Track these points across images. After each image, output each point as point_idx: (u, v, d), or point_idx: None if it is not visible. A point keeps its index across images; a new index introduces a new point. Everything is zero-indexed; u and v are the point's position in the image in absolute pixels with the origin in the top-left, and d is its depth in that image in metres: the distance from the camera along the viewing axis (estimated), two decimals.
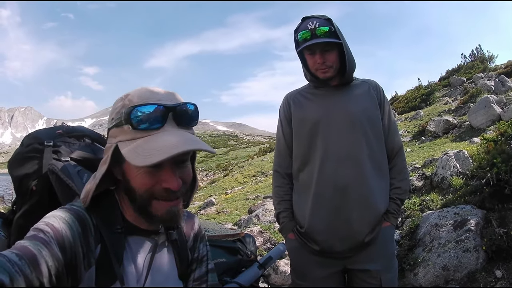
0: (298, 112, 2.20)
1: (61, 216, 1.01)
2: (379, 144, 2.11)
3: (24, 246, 0.87)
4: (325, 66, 2.04)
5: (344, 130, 2.05)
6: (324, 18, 2.02)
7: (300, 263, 2.18)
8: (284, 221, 2.20)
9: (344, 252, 2.03)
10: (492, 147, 4.83)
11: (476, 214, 4.25)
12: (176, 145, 0.98)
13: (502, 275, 3.53)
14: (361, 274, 2.07)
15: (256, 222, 7.78)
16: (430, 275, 4.00)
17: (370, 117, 2.10)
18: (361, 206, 2.00)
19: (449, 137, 10.67)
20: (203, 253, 1.39)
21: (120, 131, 1.03)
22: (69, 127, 1.53)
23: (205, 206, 12.89)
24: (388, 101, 2.25)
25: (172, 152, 0.95)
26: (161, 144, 0.98)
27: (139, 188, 1.05)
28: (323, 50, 2.02)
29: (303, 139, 2.13)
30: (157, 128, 1.02)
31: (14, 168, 1.37)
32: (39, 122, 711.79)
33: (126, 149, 1.00)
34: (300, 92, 2.27)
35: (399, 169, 2.19)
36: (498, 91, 13.49)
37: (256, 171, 23.27)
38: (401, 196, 2.14)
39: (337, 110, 2.09)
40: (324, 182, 2.03)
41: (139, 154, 0.97)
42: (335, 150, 2.02)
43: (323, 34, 1.97)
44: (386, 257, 2.09)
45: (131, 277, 1.10)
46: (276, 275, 5.08)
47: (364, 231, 2.00)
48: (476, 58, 22.27)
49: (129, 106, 1.02)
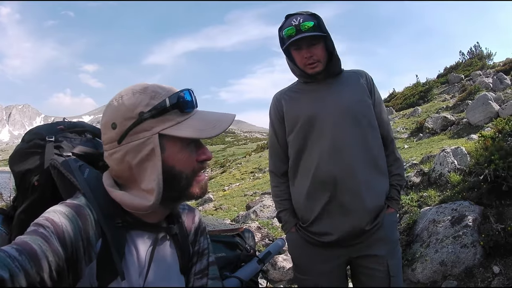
0: (290, 109, 2.19)
1: (62, 211, 1.00)
2: (374, 133, 2.11)
3: (24, 241, 0.87)
4: (312, 60, 2.04)
5: (339, 123, 2.05)
6: (308, 14, 2.03)
7: (303, 257, 2.18)
8: (286, 219, 2.21)
9: (347, 240, 2.02)
10: (490, 144, 4.85)
11: (473, 210, 4.27)
12: (220, 119, 1.15)
13: (499, 270, 3.55)
14: (367, 261, 2.07)
15: (254, 218, 7.80)
16: (427, 271, 4.02)
17: (363, 107, 2.10)
18: (357, 197, 2.00)
19: (447, 134, 10.70)
20: (204, 246, 1.39)
21: (161, 120, 1.07)
22: (70, 123, 1.52)
23: (203, 203, 12.87)
24: (377, 90, 2.26)
25: (227, 123, 1.13)
26: (212, 119, 1.14)
27: (186, 169, 1.13)
28: (310, 44, 2.02)
29: (298, 135, 2.12)
30: (193, 109, 1.15)
31: (15, 163, 1.37)
32: (37, 120, 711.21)
33: (185, 132, 1.08)
34: (290, 90, 2.27)
35: (395, 156, 2.22)
36: (496, 88, 13.53)
37: (254, 168, 23.27)
38: (400, 182, 2.17)
39: (330, 103, 2.09)
40: (321, 175, 2.02)
41: (204, 130, 1.09)
42: (331, 143, 2.02)
43: (308, 29, 1.97)
44: (391, 243, 2.09)
45: (133, 271, 1.09)
46: (275, 271, 5.09)
47: (365, 220, 2.00)
48: (474, 55, 22.31)
49: (162, 96, 1.08)
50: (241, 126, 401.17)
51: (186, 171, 1.12)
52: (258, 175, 19.75)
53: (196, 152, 1.15)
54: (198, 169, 1.16)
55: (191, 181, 1.14)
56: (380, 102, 2.23)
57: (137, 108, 1.05)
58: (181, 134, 1.07)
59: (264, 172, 19.91)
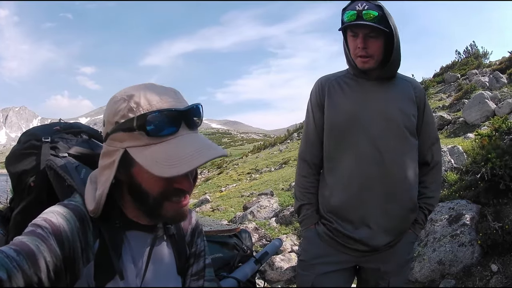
0: (333, 101, 2.05)
1: (59, 211, 1.00)
2: (411, 148, 1.98)
3: (22, 242, 0.87)
4: (365, 52, 1.89)
5: (379, 129, 1.92)
6: (375, 3, 1.86)
7: (314, 255, 2.06)
8: (308, 214, 2.09)
9: (364, 250, 1.95)
10: (486, 142, 4.86)
11: (471, 208, 4.29)
12: (199, 153, 0.98)
13: (497, 269, 3.56)
14: (372, 274, 2.03)
15: (251, 219, 7.80)
16: (425, 270, 4.03)
17: (407, 120, 1.96)
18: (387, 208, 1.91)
19: (443, 133, 10.72)
20: (201, 248, 1.39)
21: (130, 136, 1.00)
22: (66, 124, 1.52)
23: (200, 204, 12.89)
24: (428, 105, 2.11)
25: (196, 163, 0.96)
26: (182, 152, 0.98)
27: (153, 191, 1.04)
28: (367, 35, 1.87)
29: (335, 131, 2.01)
30: (172, 134, 1.01)
31: (11, 164, 1.37)
32: (34, 122, 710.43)
33: (142, 158, 0.98)
34: (337, 79, 2.10)
35: (436, 178, 2.10)
36: (492, 87, 13.58)
37: (251, 169, 23.31)
38: (430, 207, 2.07)
39: (375, 106, 1.96)
40: (353, 179, 1.93)
41: (160, 163, 0.95)
42: (368, 149, 1.92)
43: (370, 18, 1.81)
44: (402, 262, 2.03)
45: (130, 272, 1.09)
46: (272, 271, 5.10)
47: (386, 239, 1.93)
48: (470, 54, 22.39)
49: (139, 111, 0.99)
50: (237, 127, 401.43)
51: (153, 193, 1.04)
52: (255, 175, 19.77)
53: (175, 179, 1.04)
54: (171, 195, 1.06)
55: (161, 203, 1.06)
56: (429, 119, 2.09)
57: (115, 117, 1.02)
58: (138, 161, 0.99)
59: (260, 173, 19.93)
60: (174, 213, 1.08)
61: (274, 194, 10.59)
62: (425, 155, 2.06)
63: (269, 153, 30.38)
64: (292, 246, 5.94)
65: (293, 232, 6.64)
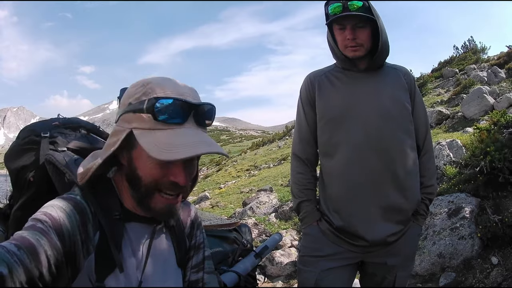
0: (323, 97, 2.04)
1: (59, 205, 1.00)
2: (409, 136, 1.98)
3: (22, 237, 0.87)
4: (355, 43, 1.89)
5: (373, 120, 1.92)
6: None
7: (317, 252, 2.03)
8: (308, 210, 2.07)
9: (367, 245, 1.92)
10: (485, 136, 4.86)
11: (470, 202, 4.29)
12: (197, 145, 0.98)
13: (498, 261, 3.57)
14: (378, 268, 2.01)
15: (250, 215, 7.82)
16: (425, 263, 4.03)
17: (401, 108, 1.97)
18: (388, 201, 1.90)
19: (442, 128, 10.72)
20: (200, 240, 1.39)
21: (138, 118, 1.01)
22: (65, 119, 1.52)
23: (199, 201, 12.92)
24: (419, 91, 2.12)
25: (192, 152, 0.96)
26: (181, 141, 0.98)
27: (146, 178, 1.05)
28: (355, 26, 1.87)
29: (329, 126, 2.00)
30: (178, 124, 1.02)
31: (11, 160, 1.37)
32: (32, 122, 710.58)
33: (144, 139, 0.99)
34: (326, 74, 2.09)
35: (429, 166, 2.09)
36: (491, 82, 13.57)
37: (249, 165, 23.34)
38: (430, 196, 2.06)
39: (366, 97, 1.96)
40: (351, 172, 1.92)
41: (158, 147, 0.96)
42: (363, 140, 1.91)
43: (356, 9, 1.82)
44: (407, 256, 2.03)
45: (130, 264, 1.09)
46: (272, 266, 5.11)
47: (389, 230, 1.91)
48: (468, 49, 22.35)
49: (152, 95, 1.00)
50: (236, 124, 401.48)
51: (146, 180, 1.05)
52: (254, 172, 19.81)
53: (168, 168, 1.05)
54: (164, 187, 1.07)
55: (152, 193, 1.07)
56: (420, 104, 2.10)
57: (130, 98, 1.04)
58: (140, 141, 1.00)
59: (259, 169, 19.95)
60: (163, 207, 1.09)
61: (273, 190, 10.62)
62: (417, 140, 2.05)
63: (268, 150, 30.43)
64: (292, 241, 5.95)
65: (293, 227, 6.66)
